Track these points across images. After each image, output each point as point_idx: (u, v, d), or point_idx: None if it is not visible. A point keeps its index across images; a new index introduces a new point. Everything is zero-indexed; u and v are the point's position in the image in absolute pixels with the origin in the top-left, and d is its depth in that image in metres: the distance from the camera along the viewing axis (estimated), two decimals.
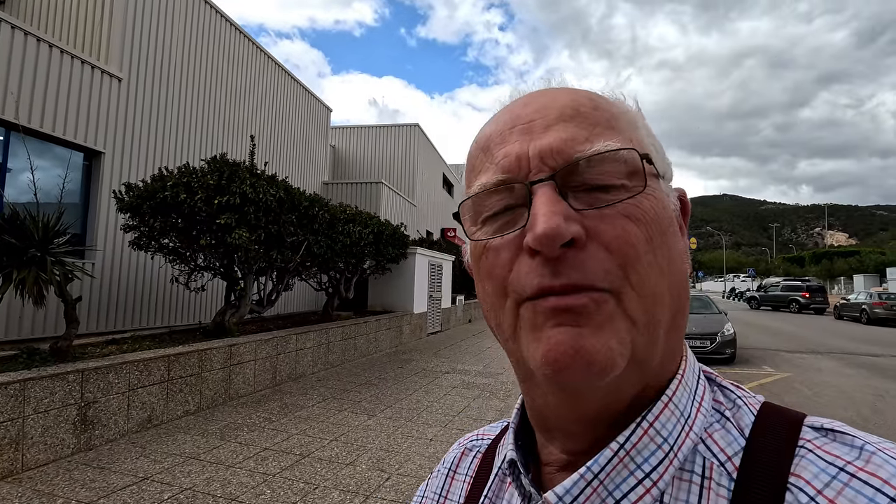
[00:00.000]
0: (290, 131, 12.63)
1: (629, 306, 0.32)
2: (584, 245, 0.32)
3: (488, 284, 0.37)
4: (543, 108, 0.37)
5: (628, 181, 0.34)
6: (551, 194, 0.33)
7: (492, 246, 0.36)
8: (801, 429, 0.34)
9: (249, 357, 5.77)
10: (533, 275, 0.33)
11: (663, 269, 0.34)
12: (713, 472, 0.33)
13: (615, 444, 0.34)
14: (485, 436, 0.54)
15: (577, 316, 0.32)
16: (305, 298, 12.24)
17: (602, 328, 0.31)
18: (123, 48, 7.64)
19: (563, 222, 0.31)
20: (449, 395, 6.07)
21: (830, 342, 13.13)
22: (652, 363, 0.35)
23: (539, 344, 0.33)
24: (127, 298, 7.33)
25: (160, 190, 5.44)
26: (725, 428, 0.36)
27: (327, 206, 7.45)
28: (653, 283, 0.33)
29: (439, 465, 0.55)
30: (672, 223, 0.37)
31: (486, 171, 0.38)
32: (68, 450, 3.68)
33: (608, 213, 0.33)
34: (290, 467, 3.65)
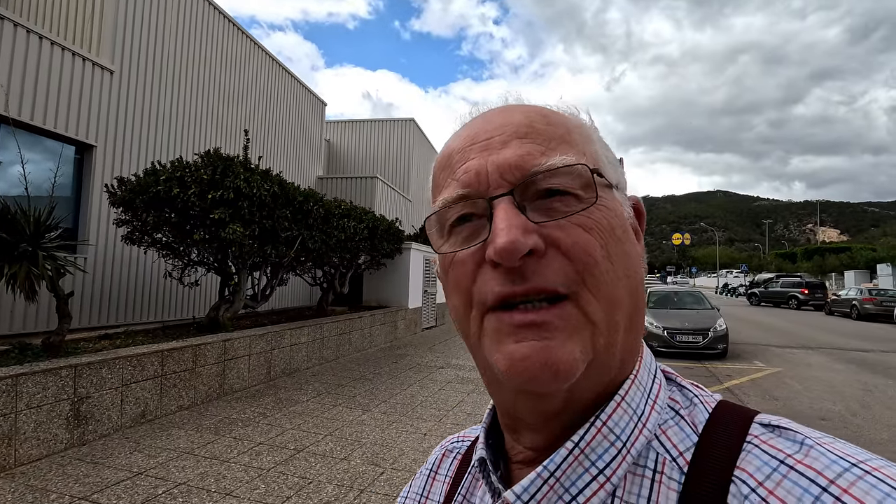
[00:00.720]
0: (284, 125, 12.55)
1: (589, 310, 0.34)
2: (543, 254, 0.35)
3: (455, 295, 0.39)
4: (500, 126, 0.39)
5: (582, 193, 0.36)
6: (510, 208, 0.35)
7: (457, 258, 0.38)
8: (750, 425, 0.36)
9: (244, 352, 5.76)
10: (494, 283, 0.35)
11: (619, 274, 0.36)
12: (665, 466, 0.35)
13: (570, 443, 0.36)
14: (465, 437, 0.56)
15: (543, 331, 0.34)
16: (300, 293, 12.22)
17: (568, 339, 0.34)
18: (115, 40, 7.55)
19: (521, 235, 0.34)
20: (443, 389, 6.09)
21: (821, 338, 13.28)
22: (611, 364, 0.37)
23: (502, 356, 0.35)
24: (120, 293, 7.29)
25: (153, 184, 5.41)
26: (679, 425, 0.38)
27: (322, 201, 7.43)
28: (610, 288, 0.35)
29: (422, 467, 0.57)
30: (626, 230, 0.39)
31: (448, 187, 0.40)
32: (61, 445, 3.67)
33: (564, 224, 0.35)
34: (284, 462, 3.66)
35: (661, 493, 0.34)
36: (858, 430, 5.07)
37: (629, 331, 0.37)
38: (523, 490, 0.36)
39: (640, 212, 0.44)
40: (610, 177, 0.40)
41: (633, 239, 0.40)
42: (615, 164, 0.42)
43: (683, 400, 0.40)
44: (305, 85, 13.70)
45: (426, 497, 0.52)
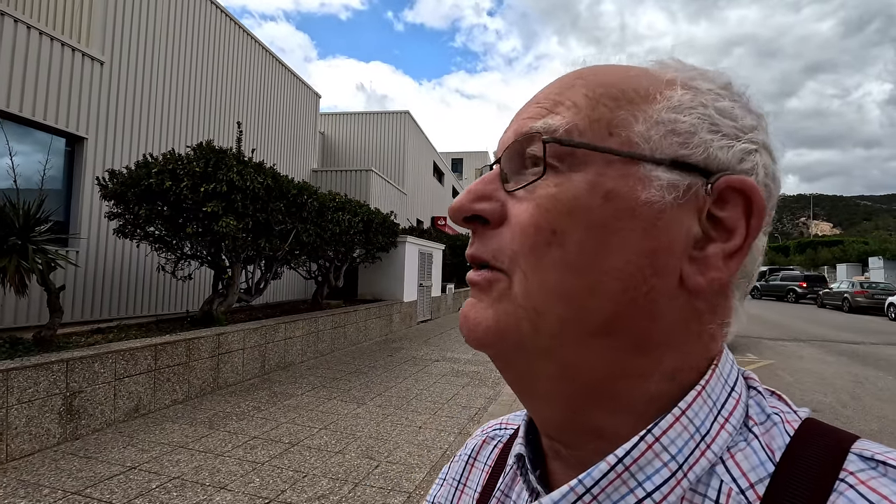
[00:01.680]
0: (278, 118, 12.45)
1: (516, 290, 0.33)
2: (498, 224, 0.34)
3: None
4: (540, 93, 0.37)
5: (558, 163, 0.32)
6: (486, 175, 0.36)
7: None
8: (846, 457, 0.29)
9: (238, 346, 5.74)
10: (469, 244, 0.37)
11: (575, 265, 0.31)
12: (730, 499, 0.29)
13: (613, 457, 0.31)
14: (508, 425, 0.52)
15: (477, 290, 0.35)
16: (295, 287, 12.19)
17: (491, 305, 0.34)
18: (105, 30, 7.44)
19: (468, 200, 0.35)
20: (438, 382, 6.10)
21: (812, 330, 13.40)
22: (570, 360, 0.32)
23: None
24: (112, 287, 7.24)
25: (145, 177, 5.35)
26: (752, 447, 0.31)
27: (316, 195, 7.39)
28: (550, 276, 0.31)
29: (461, 451, 0.54)
30: (630, 217, 0.31)
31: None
32: (54, 440, 3.65)
33: (524, 196, 0.33)
34: (279, 455, 3.66)
35: None
36: (849, 422, 5.12)
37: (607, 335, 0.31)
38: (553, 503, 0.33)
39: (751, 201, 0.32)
40: (642, 147, 0.31)
41: (660, 231, 0.31)
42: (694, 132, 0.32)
43: (759, 415, 0.33)
44: (299, 77, 13.58)
45: (464, 484, 0.50)
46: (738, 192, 0.32)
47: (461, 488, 0.50)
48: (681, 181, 0.31)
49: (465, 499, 0.49)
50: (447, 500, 0.50)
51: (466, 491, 0.49)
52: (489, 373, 6.77)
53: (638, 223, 0.31)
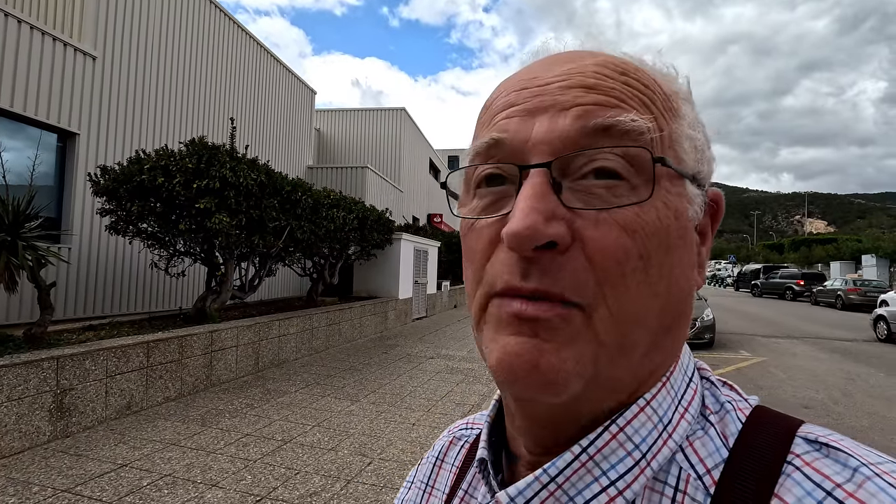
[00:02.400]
0: (272, 114, 12.38)
1: (599, 327, 0.29)
2: (565, 249, 0.29)
3: (468, 267, 0.35)
4: (564, 73, 0.32)
5: (636, 179, 0.30)
6: (540, 185, 0.29)
7: (476, 227, 0.33)
8: (793, 440, 0.31)
9: (231, 343, 5.72)
10: (504, 270, 0.30)
11: (655, 289, 0.30)
12: (688, 485, 0.30)
13: (577, 447, 0.31)
14: (474, 425, 0.51)
15: (540, 328, 0.29)
16: (289, 284, 12.15)
17: (563, 346, 0.29)
18: (97, 25, 7.36)
19: (541, 222, 0.28)
20: (433, 379, 6.10)
21: (806, 327, 13.49)
22: (623, 382, 0.32)
23: (496, 346, 0.30)
24: (104, 284, 7.19)
25: (137, 173, 5.31)
26: (708, 435, 0.32)
27: (310, 191, 7.36)
28: (634, 305, 0.30)
29: (429, 452, 0.53)
30: (685, 234, 0.32)
31: (482, 133, 0.34)
32: (44, 437, 3.62)
33: (602, 218, 0.29)
34: (271, 453, 3.65)
35: None
36: (840, 418, 5.16)
37: (654, 350, 0.32)
38: (518, 493, 0.32)
39: (718, 209, 0.36)
40: (687, 165, 0.32)
41: (693, 244, 0.33)
42: (703, 148, 0.34)
43: (714, 404, 0.34)
44: (294, 72, 13.51)
45: (432, 486, 0.49)
46: (713, 201, 0.36)
47: (429, 490, 0.49)
48: (701, 196, 0.34)
49: (433, 501, 0.47)
50: (415, 503, 0.49)
51: (434, 493, 0.48)
52: (483, 370, 6.77)
53: (688, 240, 0.33)
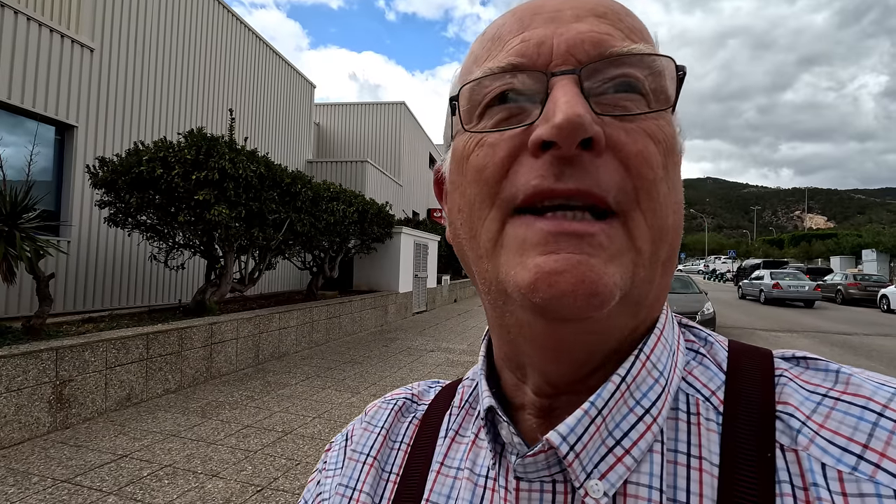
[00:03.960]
0: (272, 107, 12.33)
1: (637, 234, 0.29)
2: (601, 151, 0.28)
3: (473, 187, 0.32)
4: (574, 1, 0.32)
5: (655, 97, 0.30)
6: (574, 88, 0.28)
7: (487, 141, 0.31)
8: (773, 360, 0.34)
9: (231, 335, 5.71)
10: (532, 174, 0.28)
11: (672, 201, 0.31)
12: (700, 407, 0.32)
13: (616, 376, 0.31)
14: (419, 399, 0.47)
15: (585, 244, 0.28)
16: (289, 277, 12.14)
17: (610, 260, 0.28)
18: (95, 17, 7.31)
19: (586, 115, 0.27)
20: (433, 372, 6.10)
21: (806, 321, 13.49)
22: (646, 301, 0.32)
23: (524, 269, 0.28)
24: (104, 277, 7.18)
25: (135, 165, 5.28)
26: (703, 364, 0.35)
27: (310, 184, 7.33)
28: (663, 215, 0.30)
29: (363, 420, 0.47)
30: (680, 159, 0.34)
31: (494, 57, 0.32)
32: (44, 428, 3.61)
33: (631, 127, 0.29)
34: (271, 444, 3.65)
35: (703, 436, 0.31)
36: None
37: (668, 268, 0.32)
38: (570, 430, 0.30)
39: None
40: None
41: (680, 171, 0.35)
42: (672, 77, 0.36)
43: (698, 339, 0.37)
44: (293, 66, 13.44)
45: (374, 458, 0.43)
46: None
47: (370, 462, 0.43)
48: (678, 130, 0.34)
49: (373, 473, 0.42)
50: (350, 477, 0.42)
51: (377, 466, 0.42)
52: None
53: (680, 164, 0.34)
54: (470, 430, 0.41)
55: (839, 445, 0.28)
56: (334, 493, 0.42)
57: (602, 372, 0.32)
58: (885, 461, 0.26)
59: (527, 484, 0.32)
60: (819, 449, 0.28)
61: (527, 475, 0.32)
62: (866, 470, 0.26)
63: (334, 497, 0.42)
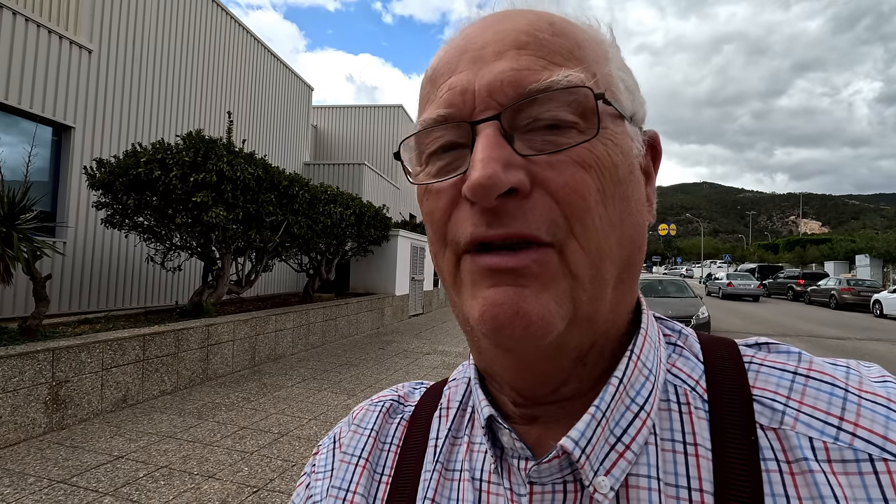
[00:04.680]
0: (269, 109, 12.35)
1: (572, 261, 0.30)
2: (527, 194, 0.30)
3: (429, 229, 0.35)
4: (498, 34, 0.33)
5: (583, 123, 0.31)
6: (493, 137, 0.30)
7: (432, 189, 0.33)
8: (738, 348, 0.37)
9: (228, 337, 5.71)
10: (468, 222, 0.31)
11: (614, 221, 0.31)
12: (688, 396, 0.35)
13: (615, 378, 0.33)
14: (405, 400, 0.48)
15: (518, 276, 0.29)
16: (286, 280, 12.14)
17: (543, 289, 0.29)
18: (94, 18, 7.33)
19: (500, 170, 0.29)
20: (429, 375, 6.12)
21: (800, 326, 13.58)
22: (598, 319, 0.33)
23: (476, 302, 0.31)
24: (100, 278, 7.17)
25: (133, 166, 5.29)
26: (683, 356, 0.37)
27: (307, 186, 7.35)
28: (601, 238, 0.31)
29: (350, 424, 0.48)
30: (633, 170, 0.34)
31: (430, 106, 0.34)
32: (40, 429, 3.61)
33: (558, 159, 0.30)
34: (268, 445, 3.66)
35: (695, 423, 0.33)
36: None
37: (620, 283, 0.33)
38: (580, 435, 0.32)
39: (657, 150, 0.38)
40: (624, 105, 0.34)
41: (640, 179, 0.35)
42: (634, 90, 0.36)
43: (673, 332, 0.39)
44: (291, 68, 13.47)
45: (366, 459, 0.44)
46: (652, 141, 0.38)
47: (363, 464, 0.43)
48: (639, 135, 0.36)
49: (366, 475, 0.43)
50: (342, 479, 0.43)
51: (369, 467, 0.43)
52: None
53: (636, 176, 0.35)
54: (463, 431, 0.42)
55: (820, 419, 0.31)
56: (327, 496, 0.43)
57: (572, 382, 0.34)
58: (859, 430, 0.30)
59: (540, 487, 0.33)
60: (804, 425, 0.31)
61: (541, 479, 0.33)
62: (845, 439, 0.30)
63: (328, 500, 0.43)
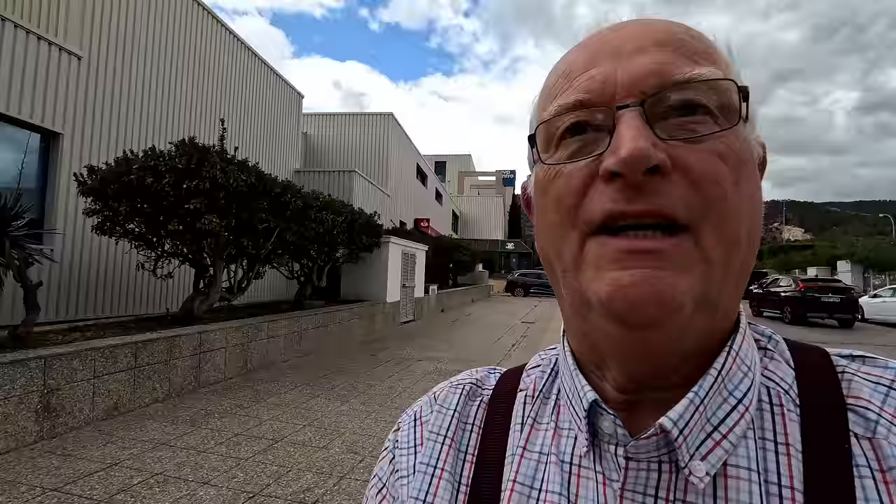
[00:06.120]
0: (260, 117, 12.35)
1: (707, 246, 0.31)
2: (668, 173, 0.31)
3: (554, 213, 0.35)
4: (636, 33, 0.35)
5: (722, 115, 0.32)
6: (638, 119, 0.31)
7: (564, 171, 0.34)
8: (831, 357, 0.38)
9: (220, 344, 5.69)
10: (605, 199, 0.32)
11: (743, 214, 0.33)
12: (782, 399, 0.35)
13: (713, 370, 0.34)
14: (482, 384, 0.50)
15: (654, 258, 0.30)
16: (277, 287, 12.07)
17: (679, 273, 0.30)
18: (83, 25, 7.32)
19: (649, 145, 0.30)
20: (421, 381, 6.14)
21: (782, 331, 13.80)
22: (721, 306, 0.34)
23: (603, 283, 0.31)
24: (91, 285, 7.10)
25: (125, 173, 5.28)
26: (775, 360, 0.38)
27: (300, 193, 7.37)
28: (733, 227, 0.32)
29: (432, 403, 0.49)
30: (755, 169, 0.35)
31: (564, 93, 0.35)
32: (31, 437, 3.58)
33: (697, 147, 0.31)
34: (262, 451, 3.65)
35: (788, 425, 0.34)
36: None
37: (741, 276, 0.34)
38: (679, 416, 0.33)
39: (765, 156, 0.39)
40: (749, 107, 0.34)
41: (759, 181, 0.36)
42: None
43: (763, 337, 0.40)
44: (282, 76, 13.49)
45: (451, 439, 0.45)
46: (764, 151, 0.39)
47: (448, 443, 0.45)
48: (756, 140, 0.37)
49: (452, 454, 0.44)
50: (430, 456, 0.45)
51: (454, 446, 0.45)
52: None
53: (757, 176, 0.36)
54: (547, 417, 0.43)
55: None
56: (415, 472, 0.45)
57: (682, 370, 0.35)
58: None
59: (635, 463, 0.34)
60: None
61: (637, 455, 0.34)
62: None
63: (416, 475, 0.44)
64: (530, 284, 28.52)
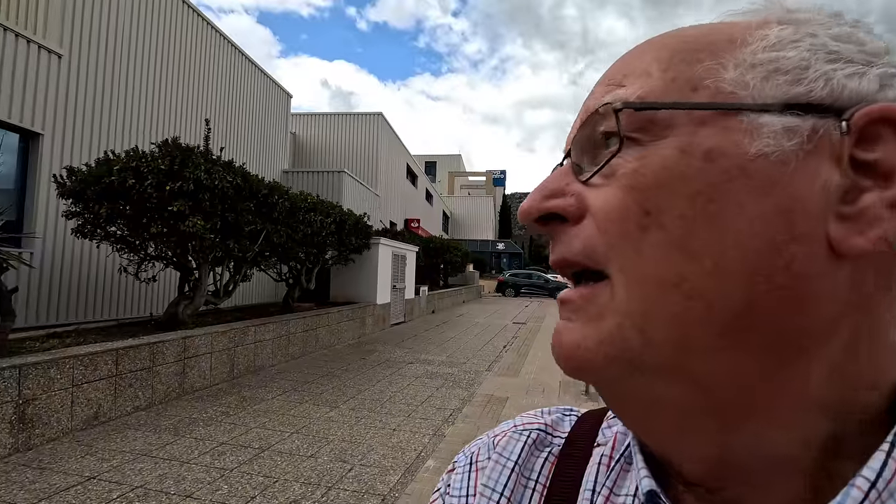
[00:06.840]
0: (247, 117, 12.17)
1: (620, 295, 0.26)
2: (577, 220, 0.29)
3: None
4: (613, 67, 0.32)
5: (640, 135, 0.27)
6: (558, 170, 0.31)
7: None
8: None
9: (205, 350, 5.56)
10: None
11: (680, 244, 0.25)
12: None
13: (862, 479, 0.23)
14: (553, 430, 0.43)
15: (568, 310, 0.30)
16: (265, 289, 11.91)
17: (587, 324, 0.28)
18: (63, 22, 7.12)
19: (538, 198, 0.30)
20: (412, 384, 6.06)
21: None
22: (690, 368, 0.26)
23: None
24: (70, 289, 6.91)
25: (106, 174, 5.13)
26: None
27: (287, 195, 7.25)
28: (657, 266, 0.25)
29: (489, 447, 0.43)
30: (736, 176, 0.25)
31: None
32: (4, 450, 3.44)
33: (605, 183, 0.28)
34: (248, 461, 3.55)
35: None
36: None
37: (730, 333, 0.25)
38: None
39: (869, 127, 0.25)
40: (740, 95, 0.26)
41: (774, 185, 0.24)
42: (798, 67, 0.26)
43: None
44: (269, 75, 13.32)
45: (508, 498, 0.39)
46: (888, 123, 0.24)
47: (504, 502, 0.39)
48: (801, 125, 0.25)
49: None
50: None
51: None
52: (462, 374, 6.77)
53: (754, 181, 0.25)
54: (626, 489, 0.35)
55: None
56: None
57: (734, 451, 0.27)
58: None
59: None
60: None
61: None
62: None
63: None
64: (521, 285, 28.63)
